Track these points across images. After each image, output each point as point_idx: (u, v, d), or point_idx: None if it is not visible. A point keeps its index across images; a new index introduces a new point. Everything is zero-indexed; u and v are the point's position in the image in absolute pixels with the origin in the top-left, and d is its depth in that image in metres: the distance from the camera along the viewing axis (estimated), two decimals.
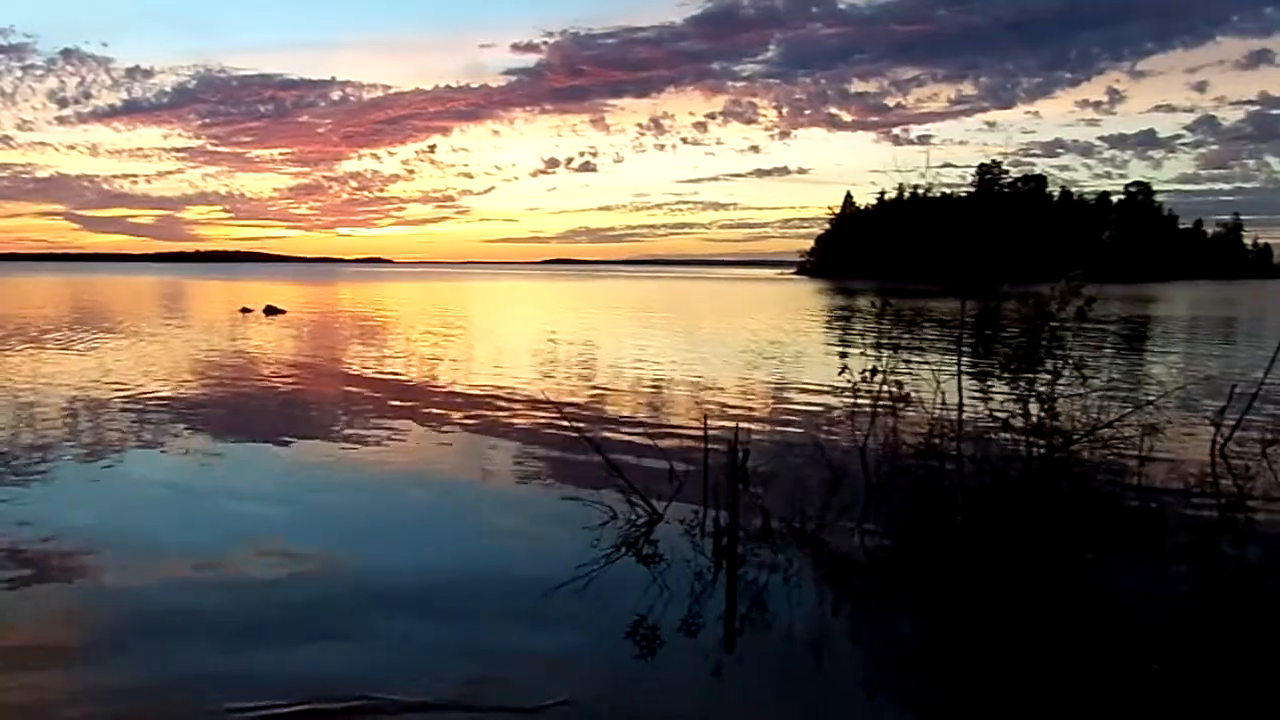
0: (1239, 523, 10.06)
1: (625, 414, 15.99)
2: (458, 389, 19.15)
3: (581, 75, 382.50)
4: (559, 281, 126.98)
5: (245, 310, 46.48)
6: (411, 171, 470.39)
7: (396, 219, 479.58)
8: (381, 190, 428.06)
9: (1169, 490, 11.15)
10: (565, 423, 13.47)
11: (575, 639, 6.82)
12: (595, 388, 19.43)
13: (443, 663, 6.42)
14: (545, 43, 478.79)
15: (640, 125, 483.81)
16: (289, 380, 20.57)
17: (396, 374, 21.80)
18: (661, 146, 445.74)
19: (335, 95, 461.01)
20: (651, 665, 6.47)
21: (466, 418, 15.59)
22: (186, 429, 14.35)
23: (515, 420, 15.40)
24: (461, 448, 13.39)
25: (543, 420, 15.10)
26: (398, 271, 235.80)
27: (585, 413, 15.84)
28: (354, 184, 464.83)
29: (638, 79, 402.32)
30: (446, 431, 14.47)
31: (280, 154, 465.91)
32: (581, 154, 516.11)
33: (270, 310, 46.09)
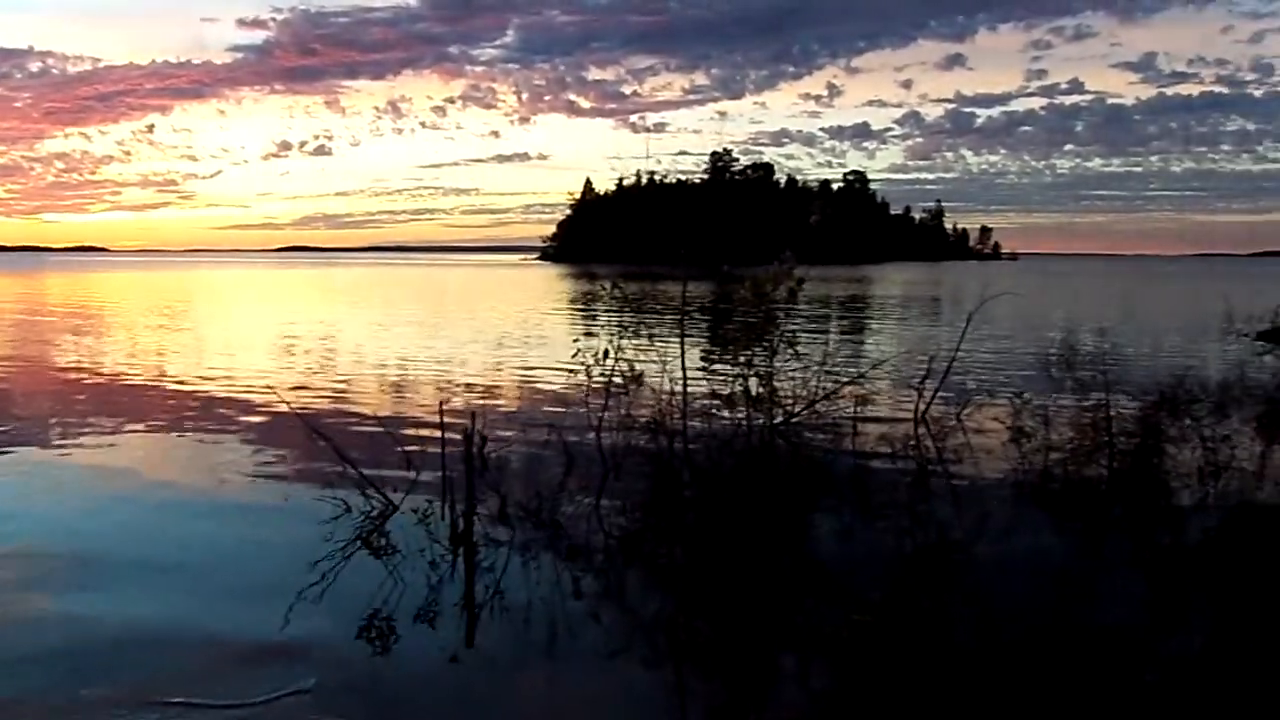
0: (936, 480, 11.08)
1: (362, 406, 15.59)
2: (181, 387, 18.00)
3: (314, 55, 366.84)
4: (294, 270, 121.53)
5: None
6: (128, 153, 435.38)
7: (112, 204, 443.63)
8: (93, 173, 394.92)
9: (878, 454, 12.11)
10: (297, 417, 12.98)
11: (309, 638, 6.62)
12: (331, 380, 18.80)
13: (170, 665, 6.10)
14: (274, 19, 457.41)
15: (377, 108, 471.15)
16: None
17: (112, 373, 20.19)
18: (400, 130, 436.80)
19: (34, 66, 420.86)
20: (388, 659, 6.39)
21: (190, 417, 14.71)
22: None
23: (244, 417, 14.67)
24: (185, 449, 12.62)
25: (273, 416, 14.47)
26: (115, 261, 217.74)
27: (319, 406, 15.32)
28: (60, 165, 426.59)
29: (373, 60, 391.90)
30: (168, 433, 13.59)
31: None
32: (316, 137, 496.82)
33: None
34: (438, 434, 10.58)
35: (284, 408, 13.29)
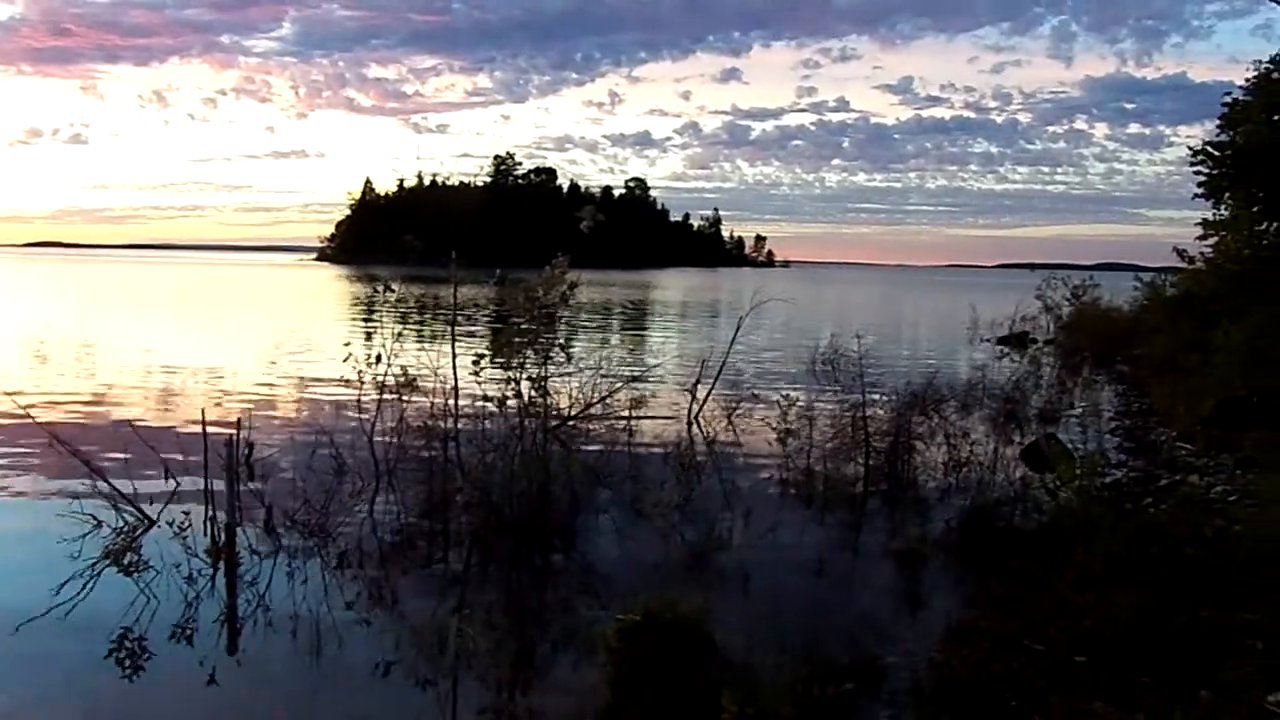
0: (707, 479, 11.47)
1: (118, 414, 14.58)
2: None
3: (68, 35, 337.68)
4: (45, 266, 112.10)
5: None
6: None
7: None
8: None
9: (651, 455, 12.43)
10: (40, 428, 11.99)
11: (51, 672, 6.16)
12: (81, 388, 17.47)
13: None
14: None
15: (141, 96, 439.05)
16: None
17: None
18: (167, 121, 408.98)
19: None
20: (139, 683, 6.05)
21: None
22: None
23: None
24: None
25: (13, 427, 13.31)
26: None
27: (69, 417, 14.24)
28: None
29: (135, 45, 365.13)
30: None
31: None
32: (71, 124, 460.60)
33: None
34: (200, 443, 10.07)
35: (26, 417, 12.25)
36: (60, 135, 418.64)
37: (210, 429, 9.75)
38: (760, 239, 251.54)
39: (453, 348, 9.85)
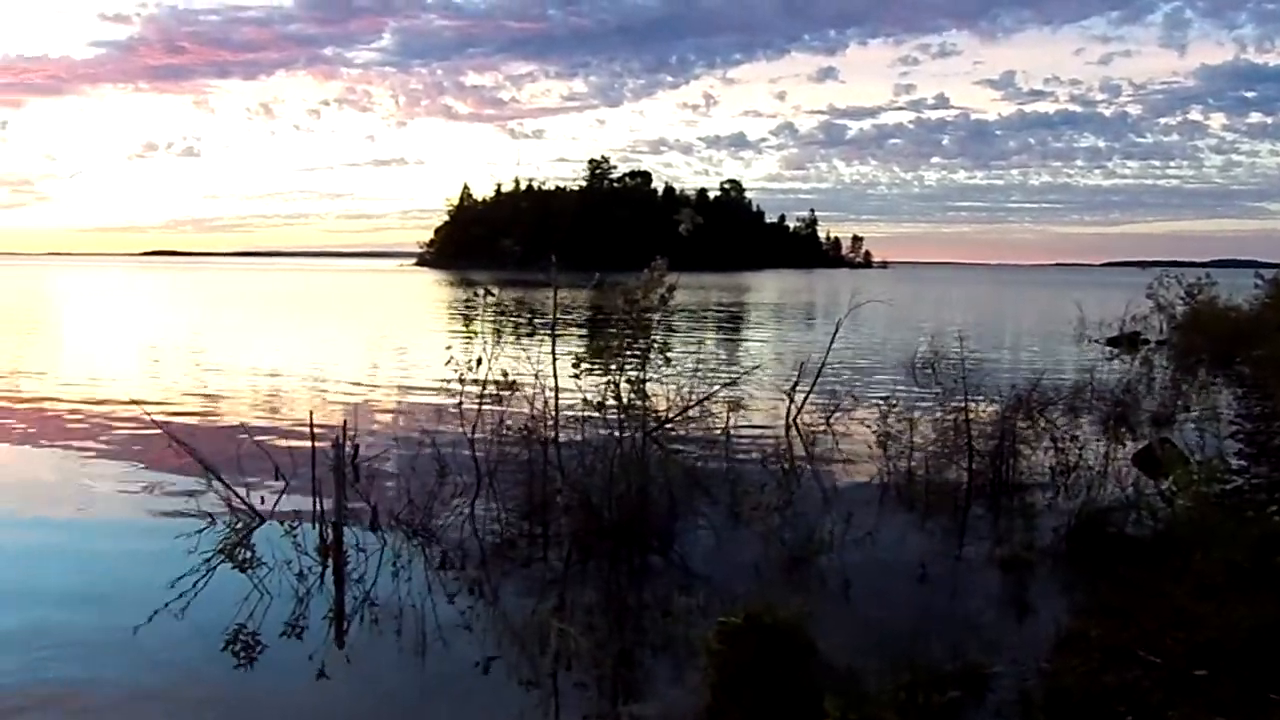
0: (806, 483, 11.36)
1: (231, 415, 15.11)
2: (36, 397, 17.12)
3: (182, 53, 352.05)
4: (161, 274, 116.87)
5: None
6: None
7: None
8: None
9: (749, 459, 12.37)
10: (158, 428, 12.50)
11: (171, 661, 6.40)
12: (197, 390, 18.16)
13: (27, 681, 5.89)
14: (139, 14, 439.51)
15: (249, 109, 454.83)
16: None
17: None
18: (273, 133, 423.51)
19: None
20: (252, 675, 6.24)
21: (46, 431, 14.01)
22: None
23: (105, 430, 14.07)
24: (39, 466, 12.04)
25: (136, 428, 13.87)
26: None
27: (185, 418, 14.78)
28: None
29: (245, 60, 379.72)
30: (20, 447, 12.92)
31: None
32: (184, 138, 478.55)
33: None
34: (308, 444, 10.36)
35: (146, 419, 12.78)
36: (174, 149, 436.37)
37: (317, 430, 10.03)
38: (857, 239, 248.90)
39: (553, 351, 9.95)
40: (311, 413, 10.41)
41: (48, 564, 8.43)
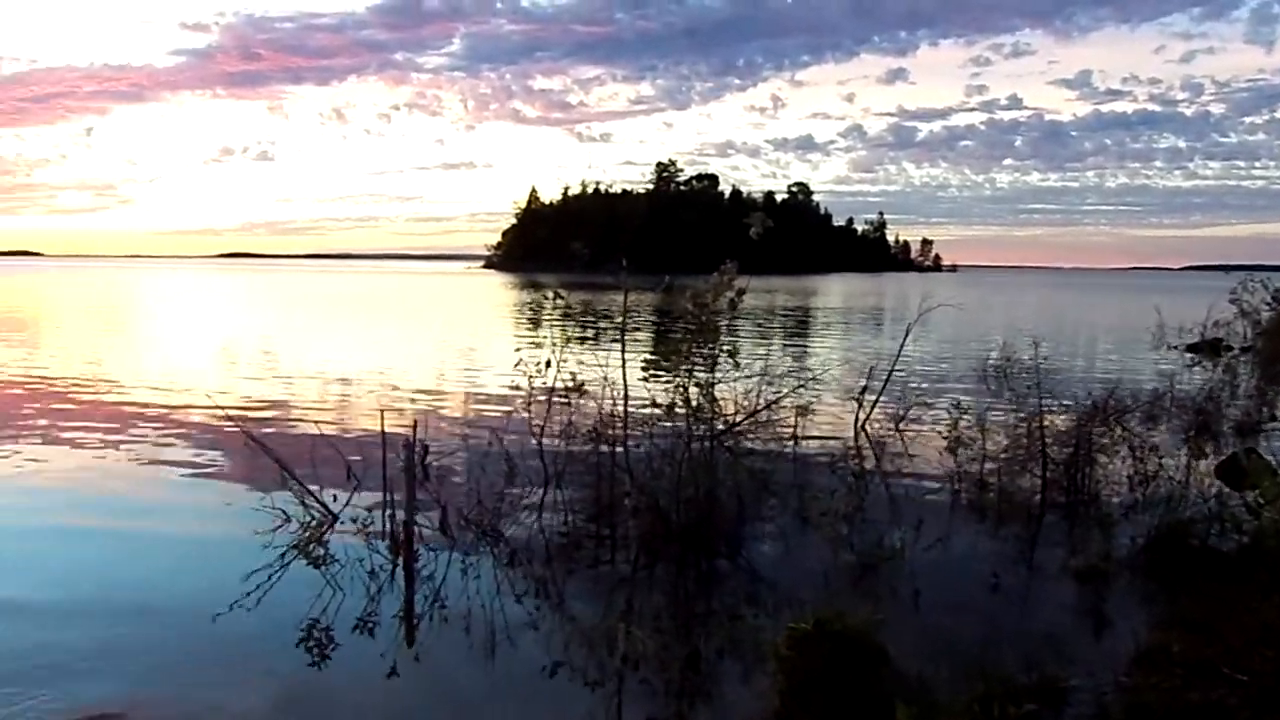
0: (875, 488, 11.22)
1: (304, 414, 15.40)
2: (117, 396, 17.64)
3: (258, 60, 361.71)
4: (236, 276, 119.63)
5: None
6: (64, 156, 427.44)
7: (47, 207, 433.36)
8: (28, 175, 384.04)
9: (818, 463, 12.27)
10: (234, 426, 12.78)
11: (244, 656, 6.53)
12: (271, 389, 18.55)
13: (107, 670, 6.05)
14: (217, 23, 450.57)
15: (321, 114, 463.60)
16: None
17: (44, 381, 19.71)
18: (345, 137, 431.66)
19: None
20: (325, 671, 6.33)
21: (126, 428, 14.40)
22: None
23: (181, 427, 14.42)
24: (120, 462, 12.36)
25: (211, 425, 14.21)
26: (50, 265, 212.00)
27: (259, 416, 15.10)
28: None
29: (318, 66, 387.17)
30: (102, 445, 13.29)
31: None
32: (259, 142, 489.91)
33: None
34: (379, 443, 10.50)
35: (223, 418, 13.08)
36: (249, 153, 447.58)
37: (387, 431, 10.16)
38: (927, 243, 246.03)
39: (623, 353, 9.96)
40: (382, 413, 10.56)
41: (130, 553, 8.69)
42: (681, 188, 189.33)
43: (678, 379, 9.45)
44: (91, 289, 75.09)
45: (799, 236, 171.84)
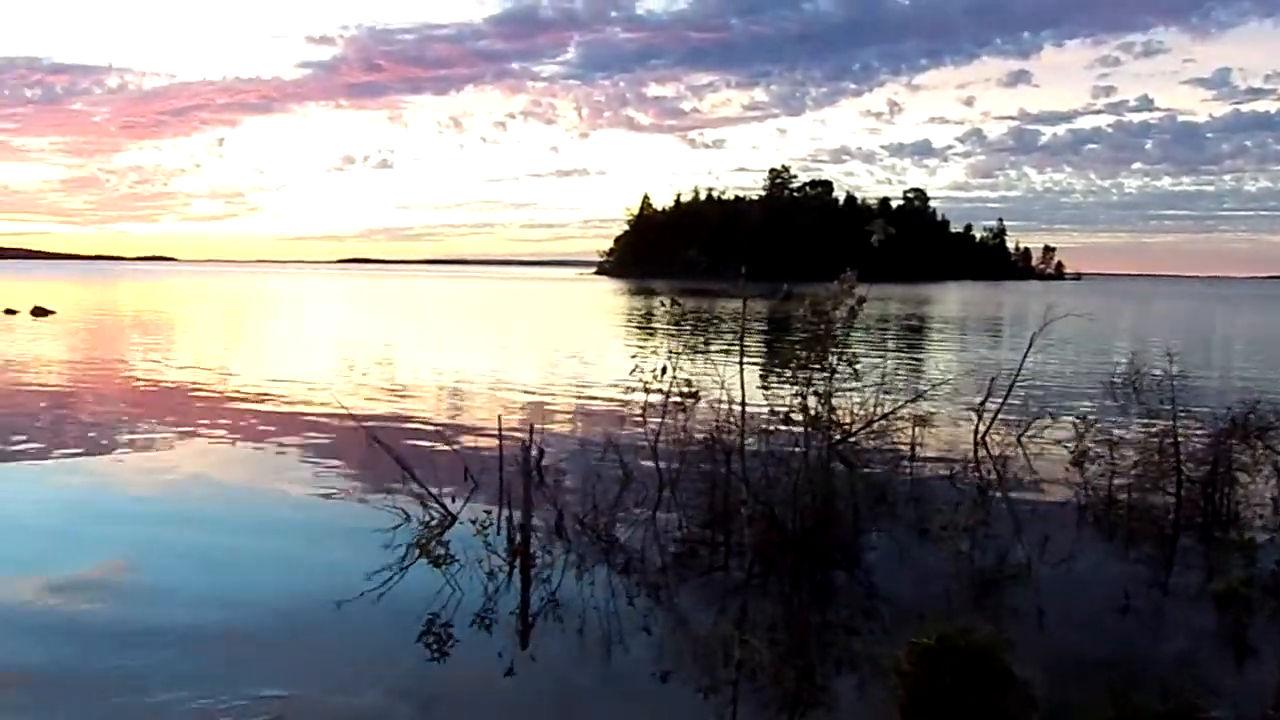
0: (996, 502, 10.90)
1: (422, 416, 15.78)
2: (246, 395, 18.36)
3: (379, 71, 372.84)
4: (356, 281, 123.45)
5: (9, 312, 42.47)
6: (198, 165, 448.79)
7: (182, 215, 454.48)
8: (165, 184, 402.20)
9: (937, 475, 11.98)
10: (357, 426, 13.16)
11: (367, 648, 6.71)
12: (392, 390, 19.07)
13: (233, 663, 6.25)
14: (342, 36, 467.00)
15: (439, 123, 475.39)
16: (58, 388, 19.16)
17: (179, 379, 20.68)
18: (461, 145, 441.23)
19: (112, 82, 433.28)
20: (444, 667, 6.45)
21: (255, 426, 14.98)
22: None
23: (307, 426, 14.92)
24: (250, 458, 12.86)
25: (335, 424, 14.68)
26: (184, 270, 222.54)
27: (380, 416, 15.51)
28: (134, 177, 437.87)
29: (436, 76, 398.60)
30: (233, 441, 13.85)
31: (50, 144, 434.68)
32: (379, 151, 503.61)
33: (38, 311, 42.35)
34: (496, 447, 10.68)
35: (346, 418, 13.50)
36: (370, 161, 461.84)
37: (503, 433, 10.33)
38: (1049, 250, 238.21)
39: (741, 361, 9.91)
40: (500, 417, 10.74)
41: (257, 548, 9.00)
42: (795, 194, 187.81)
43: (795, 387, 9.37)
44: (222, 292, 78.41)
45: (916, 243, 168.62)
